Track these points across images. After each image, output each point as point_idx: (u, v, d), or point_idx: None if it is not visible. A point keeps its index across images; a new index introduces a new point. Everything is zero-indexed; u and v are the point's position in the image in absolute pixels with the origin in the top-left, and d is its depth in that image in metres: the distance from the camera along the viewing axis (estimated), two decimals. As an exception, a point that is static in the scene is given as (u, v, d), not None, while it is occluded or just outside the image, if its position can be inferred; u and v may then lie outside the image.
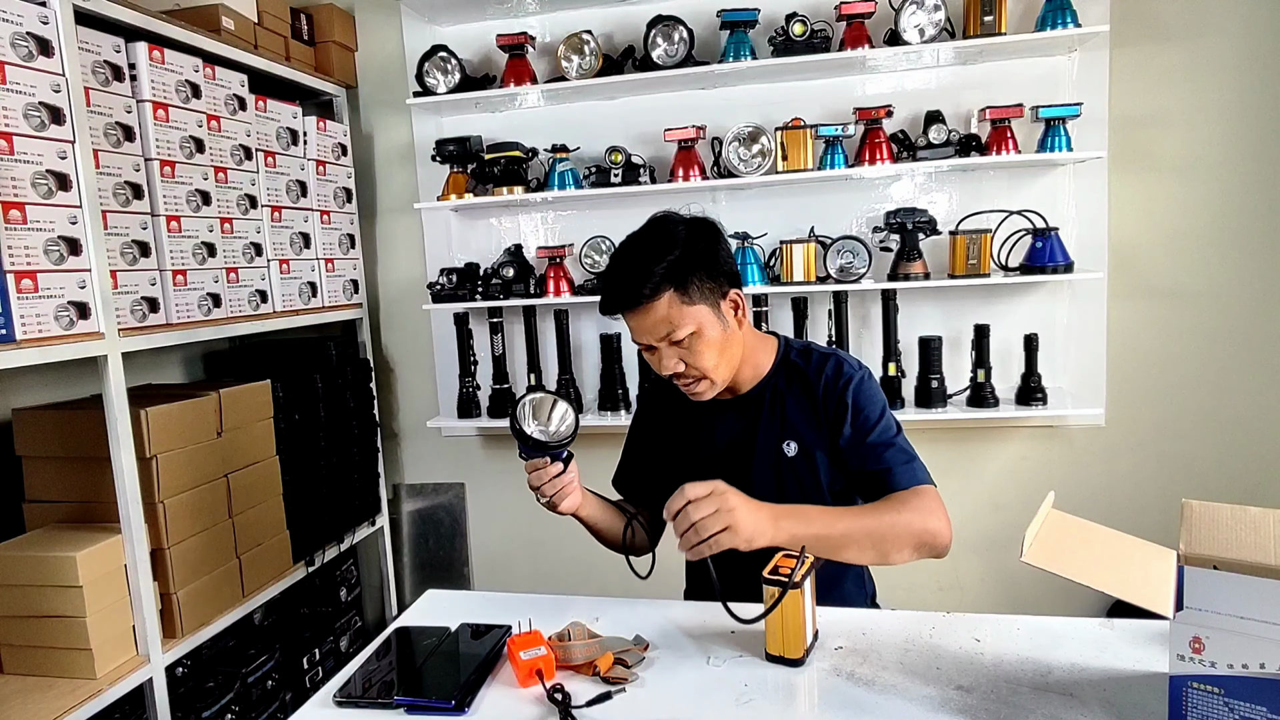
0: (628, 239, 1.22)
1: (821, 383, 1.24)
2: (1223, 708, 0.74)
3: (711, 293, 1.18)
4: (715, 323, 1.18)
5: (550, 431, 1.15)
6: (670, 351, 1.18)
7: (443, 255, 2.58)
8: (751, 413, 1.28)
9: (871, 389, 1.24)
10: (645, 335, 1.18)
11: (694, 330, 1.16)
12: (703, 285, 1.16)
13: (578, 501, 1.23)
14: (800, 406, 1.25)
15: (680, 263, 1.15)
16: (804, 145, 2.18)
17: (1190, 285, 2.22)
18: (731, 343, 1.21)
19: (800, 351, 1.30)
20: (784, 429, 1.25)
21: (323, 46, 2.46)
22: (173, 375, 2.30)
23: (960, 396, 2.27)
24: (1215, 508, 0.78)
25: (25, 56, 1.41)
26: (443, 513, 2.74)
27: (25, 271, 1.39)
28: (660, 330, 1.16)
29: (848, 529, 1.07)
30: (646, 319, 1.16)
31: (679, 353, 1.18)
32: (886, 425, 1.21)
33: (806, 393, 1.25)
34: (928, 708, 0.87)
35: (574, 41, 2.25)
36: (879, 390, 1.26)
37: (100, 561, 1.53)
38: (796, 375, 1.27)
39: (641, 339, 1.19)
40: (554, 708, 0.90)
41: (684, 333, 1.15)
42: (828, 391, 1.23)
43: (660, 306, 1.15)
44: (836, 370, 1.25)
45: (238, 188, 1.99)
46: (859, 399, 1.22)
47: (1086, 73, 2.18)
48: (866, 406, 1.22)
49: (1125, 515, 2.28)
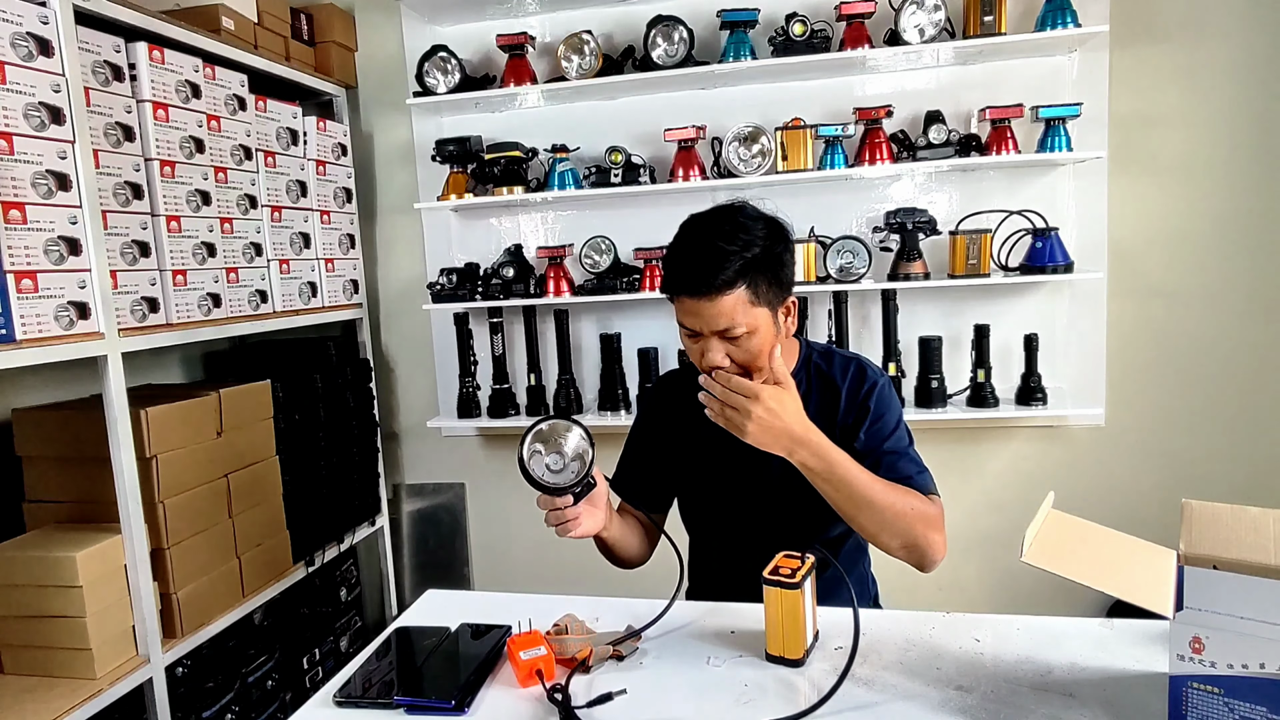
0: (700, 221, 1.17)
1: (845, 385, 1.25)
2: (1223, 708, 0.74)
3: (776, 297, 1.16)
4: (771, 327, 1.16)
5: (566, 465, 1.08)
6: (718, 345, 1.14)
7: (443, 255, 2.58)
8: None
9: (891, 396, 1.25)
10: (701, 324, 1.14)
11: (749, 332, 1.13)
12: (770, 289, 1.14)
13: (594, 527, 1.16)
14: (821, 409, 1.24)
15: (758, 262, 1.12)
16: (804, 145, 2.18)
17: (1190, 285, 2.22)
18: (775, 342, 1.20)
19: (822, 354, 1.30)
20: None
21: (323, 46, 2.46)
22: (173, 375, 2.30)
23: (960, 396, 2.27)
24: (1215, 508, 0.78)
25: (25, 56, 1.41)
26: (443, 513, 2.74)
27: (25, 271, 1.40)
28: (720, 323, 1.12)
29: (864, 489, 1.09)
30: (710, 308, 1.12)
31: (726, 348, 1.15)
32: (901, 435, 1.22)
33: (827, 395, 1.26)
34: (928, 708, 0.87)
35: (574, 41, 2.25)
36: (896, 398, 1.27)
37: (100, 561, 1.53)
38: (818, 377, 1.28)
39: (694, 325, 1.15)
40: (554, 708, 0.90)
41: (741, 330, 1.13)
42: (850, 394, 1.24)
43: (729, 300, 1.11)
44: (860, 374, 1.26)
45: (238, 188, 1.99)
46: (879, 404, 1.23)
47: (1086, 73, 2.18)
48: (885, 413, 1.23)
49: (1125, 515, 2.27)
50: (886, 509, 1.10)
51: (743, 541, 1.29)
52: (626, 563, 1.32)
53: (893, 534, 1.10)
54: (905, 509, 1.11)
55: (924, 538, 1.11)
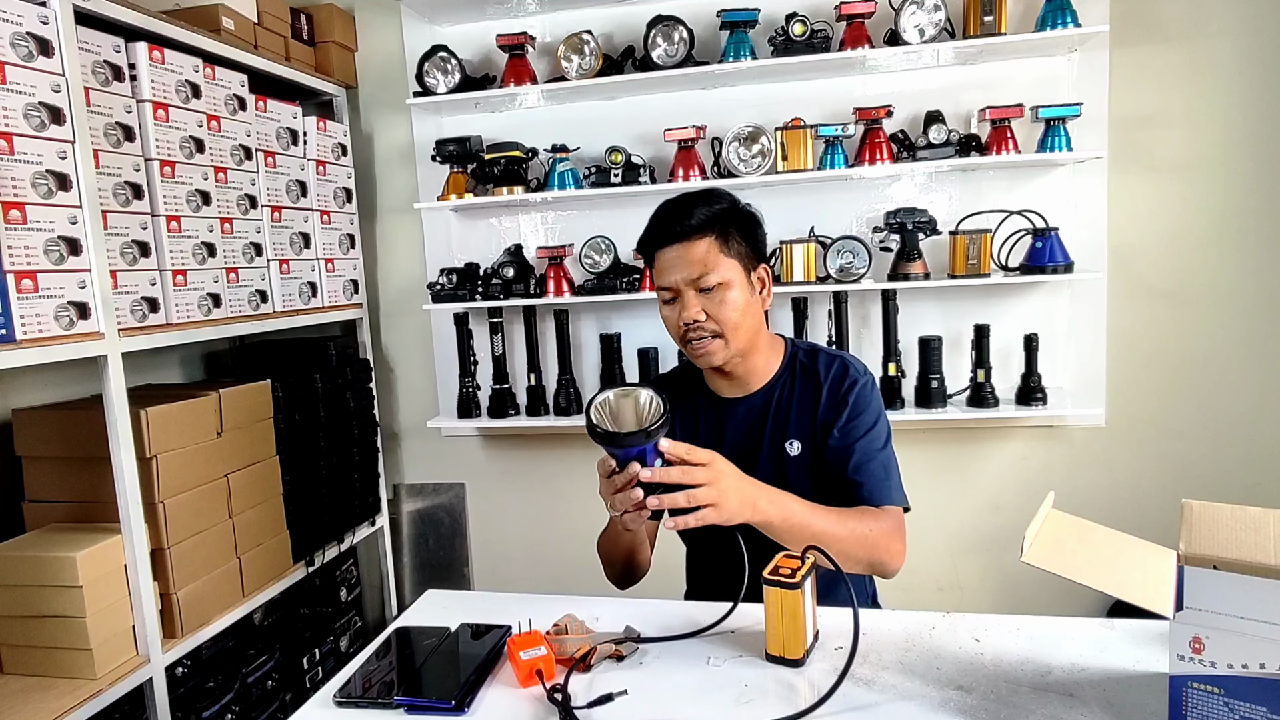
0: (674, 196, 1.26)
1: (828, 381, 1.26)
2: (1223, 708, 0.74)
3: (746, 256, 1.22)
4: (745, 284, 1.22)
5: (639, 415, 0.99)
6: (695, 299, 1.19)
7: (443, 255, 2.58)
8: (759, 412, 1.29)
9: (872, 397, 1.25)
10: (677, 273, 1.19)
11: (724, 281, 1.18)
12: (741, 245, 1.22)
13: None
14: (804, 406, 1.26)
15: (726, 215, 1.21)
16: (804, 145, 2.18)
17: (1190, 285, 2.22)
18: (752, 312, 1.23)
19: (807, 352, 1.31)
20: (788, 428, 1.26)
21: (323, 46, 2.46)
22: (173, 375, 2.30)
23: (960, 396, 2.27)
24: (1215, 508, 0.78)
25: (25, 56, 1.41)
26: (443, 513, 2.74)
27: (25, 271, 1.40)
28: (694, 270, 1.18)
29: (820, 530, 1.08)
30: (684, 254, 1.19)
31: (703, 301, 1.19)
32: (875, 436, 1.22)
33: (812, 392, 1.27)
34: (928, 708, 0.87)
35: (574, 41, 2.25)
36: (879, 399, 1.27)
37: (100, 561, 1.53)
38: (803, 374, 1.29)
39: (670, 280, 1.20)
40: (554, 708, 0.90)
41: (715, 279, 1.18)
42: (831, 390, 1.25)
43: (700, 246, 1.18)
44: (843, 371, 1.27)
45: (238, 188, 1.99)
46: (858, 402, 1.24)
47: (1086, 73, 2.18)
48: (863, 412, 1.23)
49: (1125, 515, 2.28)
50: (846, 538, 1.10)
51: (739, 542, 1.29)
52: (635, 570, 1.31)
53: (854, 561, 1.11)
54: (864, 534, 1.11)
55: (878, 555, 1.12)
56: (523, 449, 2.66)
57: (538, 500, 2.67)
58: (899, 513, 1.18)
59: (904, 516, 1.19)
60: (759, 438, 1.27)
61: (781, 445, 1.26)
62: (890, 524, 1.15)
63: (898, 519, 1.17)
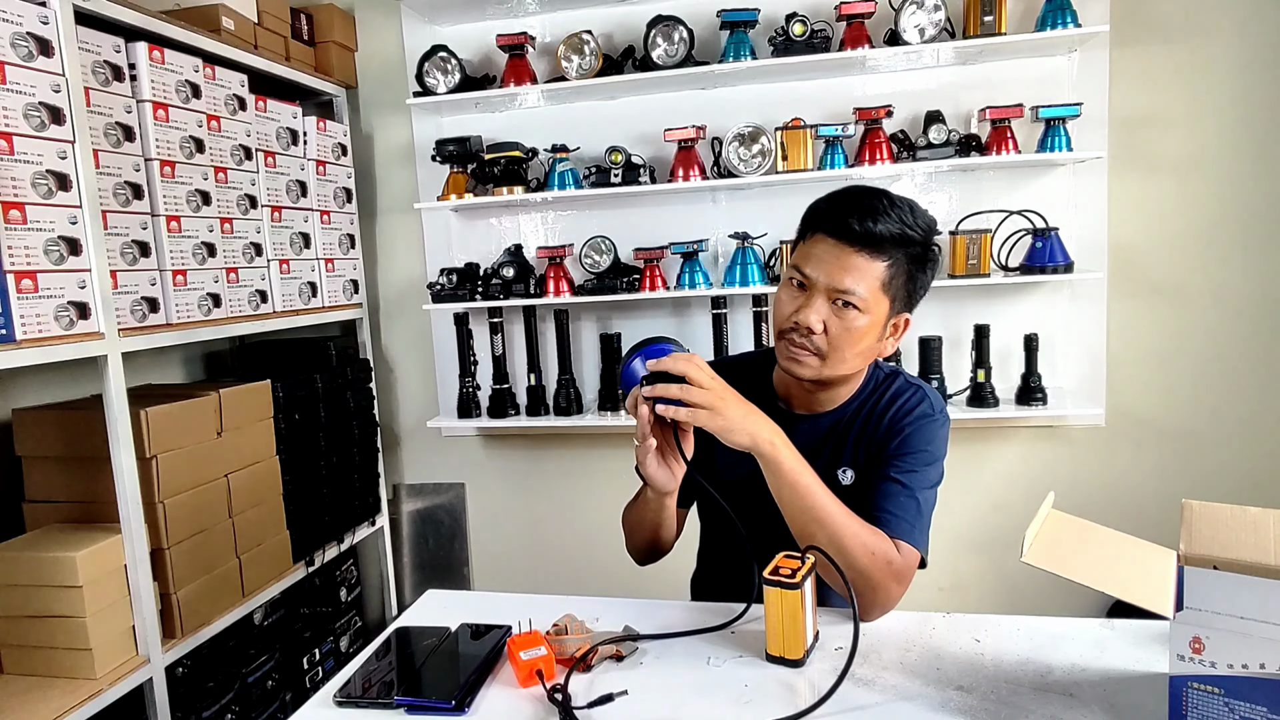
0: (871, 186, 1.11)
1: (895, 407, 1.16)
2: (1223, 708, 0.74)
3: (899, 299, 1.10)
4: (877, 327, 1.09)
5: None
6: (823, 306, 1.07)
7: (443, 255, 2.58)
8: (821, 435, 1.20)
9: (935, 436, 1.14)
10: (824, 270, 1.06)
11: (860, 310, 1.06)
12: (902, 289, 1.09)
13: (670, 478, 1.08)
14: (864, 431, 1.17)
15: (914, 254, 1.07)
16: (804, 145, 2.18)
17: (1190, 285, 2.22)
18: (867, 353, 1.12)
19: (888, 375, 1.21)
20: (843, 455, 1.19)
21: (323, 46, 2.46)
22: (173, 375, 2.30)
23: (960, 396, 2.27)
24: (1215, 508, 0.78)
25: (25, 56, 1.41)
26: (443, 513, 2.74)
27: (25, 271, 1.40)
28: (843, 282, 1.05)
29: (823, 507, 1.00)
30: (846, 260, 1.05)
31: (827, 315, 1.07)
32: (923, 476, 1.12)
33: (876, 418, 1.17)
34: (928, 708, 0.86)
35: (574, 41, 2.25)
36: (942, 444, 1.16)
37: (100, 561, 1.53)
38: (874, 399, 1.19)
39: (813, 272, 1.07)
40: (554, 708, 0.90)
41: (854, 299, 1.05)
42: (895, 417, 1.15)
43: (865, 263, 1.05)
44: (916, 402, 1.16)
45: (238, 188, 1.99)
46: (916, 436, 1.13)
47: (1086, 73, 2.18)
48: (920, 450, 1.12)
49: (1125, 515, 2.28)
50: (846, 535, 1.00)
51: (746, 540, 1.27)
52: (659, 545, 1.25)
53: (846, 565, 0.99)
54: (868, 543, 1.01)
55: (880, 577, 1.01)
56: (523, 449, 2.66)
57: (538, 500, 2.67)
58: (913, 558, 1.06)
59: (915, 567, 1.07)
60: (814, 463, 1.13)
61: (835, 473, 1.18)
62: (899, 562, 1.03)
63: (909, 562, 1.05)
